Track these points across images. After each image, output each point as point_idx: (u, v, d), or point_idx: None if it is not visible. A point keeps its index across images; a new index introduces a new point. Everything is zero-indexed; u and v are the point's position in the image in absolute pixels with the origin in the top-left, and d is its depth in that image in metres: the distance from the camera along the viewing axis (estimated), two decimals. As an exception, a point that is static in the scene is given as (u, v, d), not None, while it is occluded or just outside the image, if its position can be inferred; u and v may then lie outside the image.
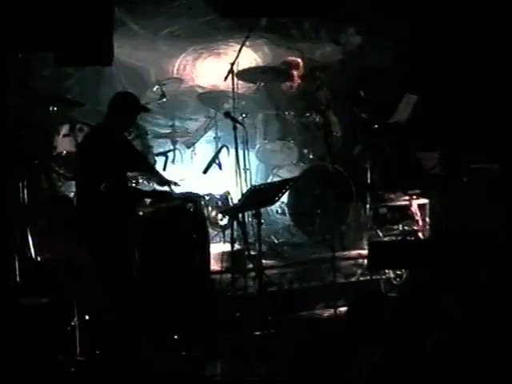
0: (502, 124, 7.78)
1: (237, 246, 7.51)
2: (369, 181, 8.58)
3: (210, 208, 8.25)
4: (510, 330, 4.95)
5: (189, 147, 8.95)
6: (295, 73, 9.15)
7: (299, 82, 9.21)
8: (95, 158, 6.69)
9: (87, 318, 6.38)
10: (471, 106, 8.46)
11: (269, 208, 8.36)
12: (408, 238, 8.16)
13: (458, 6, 8.50)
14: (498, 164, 7.62)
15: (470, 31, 8.48)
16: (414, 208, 8.35)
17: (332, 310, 7.19)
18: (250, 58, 9.30)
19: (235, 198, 7.89)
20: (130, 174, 7.22)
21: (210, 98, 8.96)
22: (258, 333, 6.70)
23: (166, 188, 7.24)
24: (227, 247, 7.64)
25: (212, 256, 7.54)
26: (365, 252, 8.02)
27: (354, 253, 8.33)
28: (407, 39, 9.11)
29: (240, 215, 7.16)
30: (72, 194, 7.63)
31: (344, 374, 4.37)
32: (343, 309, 7.12)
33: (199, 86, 9.40)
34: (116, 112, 6.92)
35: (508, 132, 7.46)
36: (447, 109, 8.63)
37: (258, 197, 7.01)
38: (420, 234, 8.22)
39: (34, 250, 7.53)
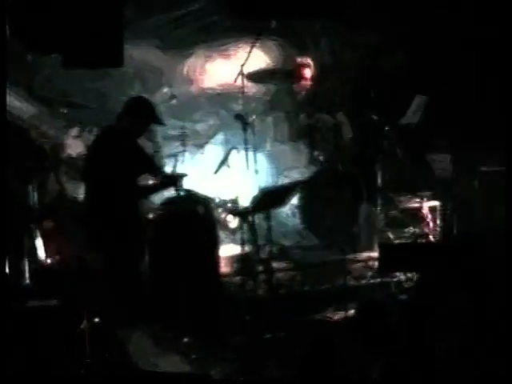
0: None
1: (247, 249, 7.49)
2: (379, 183, 8.54)
3: (219, 210, 8.25)
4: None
5: (198, 149, 8.94)
6: (307, 73, 9.11)
7: (310, 83, 9.18)
8: (105, 161, 6.67)
9: (96, 320, 6.36)
10: (482, 108, 8.43)
11: (279, 210, 8.32)
12: (419, 241, 8.13)
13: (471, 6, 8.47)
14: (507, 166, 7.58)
15: (482, 30, 8.44)
16: (425, 210, 8.32)
17: (343, 313, 7.15)
18: (260, 59, 9.27)
19: (245, 200, 7.87)
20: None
21: (219, 100, 8.95)
22: (268, 336, 6.67)
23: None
24: (237, 250, 7.63)
25: (222, 259, 7.53)
26: (376, 254, 7.99)
27: (364, 255, 8.30)
28: (419, 40, 9.07)
29: (250, 217, 7.13)
30: (81, 196, 7.61)
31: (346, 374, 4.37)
32: (354, 311, 7.09)
33: (209, 88, 9.38)
34: (131, 116, 6.84)
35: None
36: (458, 110, 8.59)
37: (268, 199, 6.99)
38: (431, 237, 8.19)
39: (43, 253, 7.54)
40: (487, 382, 4.69)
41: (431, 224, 8.28)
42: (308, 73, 9.16)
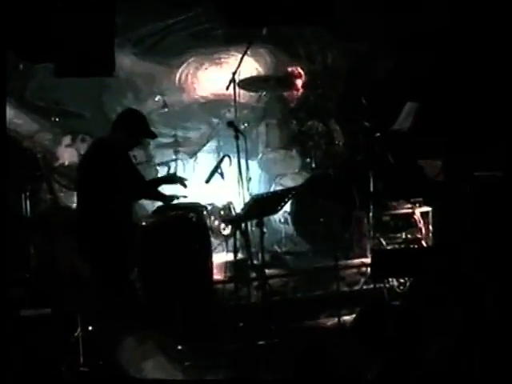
0: (504, 131, 7.78)
1: (240, 256, 7.51)
2: (371, 189, 8.56)
3: (212, 218, 8.26)
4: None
5: (191, 157, 8.96)
6: (298, 82, 9.15)
7: (301, 90, 9.21)
8: (98, 172, 6.66)
9: (90, 328, 6.37)
10: (474, 113, 8.45)
11: (272, 217, 8.34)
12: (411, 246, 8.15)
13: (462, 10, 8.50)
14: (501, 171, 7.61)
15: (473, 36, 8.47)
16: (417, 216, 8.34)
17: (336, 319, 7.17)
18: (251, 67, 9.29)
19: (238, 207, 7.89)
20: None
21: (211, 108, 8.98)
22: (261, 342, 6.68)
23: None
24: (230, 257, 7.64)
25: (215, 266, 7.54)
26: (368, 260, 8.02)
27: (357, 261, 8.32)
28: (409, 46, 9.10)
29: (243, 224, 7.15)
30: (74, 205, 7.62)
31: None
32: (347, 317, 7.11)
33: (201, 96, 9.40)
34: (123, 129, 6.82)
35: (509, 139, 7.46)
36: (450, 116, 8.62)
37: (261, 206, 6.99)
38: (423, 242, 8.21)
39: (37, 261, 7.54)
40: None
41: (423, 229, 8.30)
42: (299, 80, 9.19)
